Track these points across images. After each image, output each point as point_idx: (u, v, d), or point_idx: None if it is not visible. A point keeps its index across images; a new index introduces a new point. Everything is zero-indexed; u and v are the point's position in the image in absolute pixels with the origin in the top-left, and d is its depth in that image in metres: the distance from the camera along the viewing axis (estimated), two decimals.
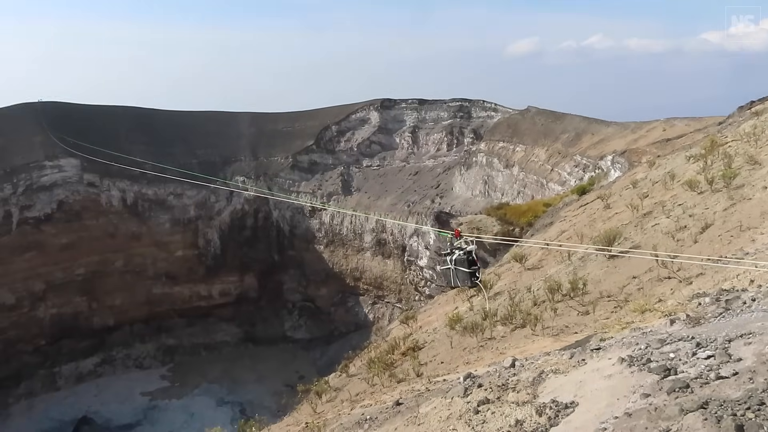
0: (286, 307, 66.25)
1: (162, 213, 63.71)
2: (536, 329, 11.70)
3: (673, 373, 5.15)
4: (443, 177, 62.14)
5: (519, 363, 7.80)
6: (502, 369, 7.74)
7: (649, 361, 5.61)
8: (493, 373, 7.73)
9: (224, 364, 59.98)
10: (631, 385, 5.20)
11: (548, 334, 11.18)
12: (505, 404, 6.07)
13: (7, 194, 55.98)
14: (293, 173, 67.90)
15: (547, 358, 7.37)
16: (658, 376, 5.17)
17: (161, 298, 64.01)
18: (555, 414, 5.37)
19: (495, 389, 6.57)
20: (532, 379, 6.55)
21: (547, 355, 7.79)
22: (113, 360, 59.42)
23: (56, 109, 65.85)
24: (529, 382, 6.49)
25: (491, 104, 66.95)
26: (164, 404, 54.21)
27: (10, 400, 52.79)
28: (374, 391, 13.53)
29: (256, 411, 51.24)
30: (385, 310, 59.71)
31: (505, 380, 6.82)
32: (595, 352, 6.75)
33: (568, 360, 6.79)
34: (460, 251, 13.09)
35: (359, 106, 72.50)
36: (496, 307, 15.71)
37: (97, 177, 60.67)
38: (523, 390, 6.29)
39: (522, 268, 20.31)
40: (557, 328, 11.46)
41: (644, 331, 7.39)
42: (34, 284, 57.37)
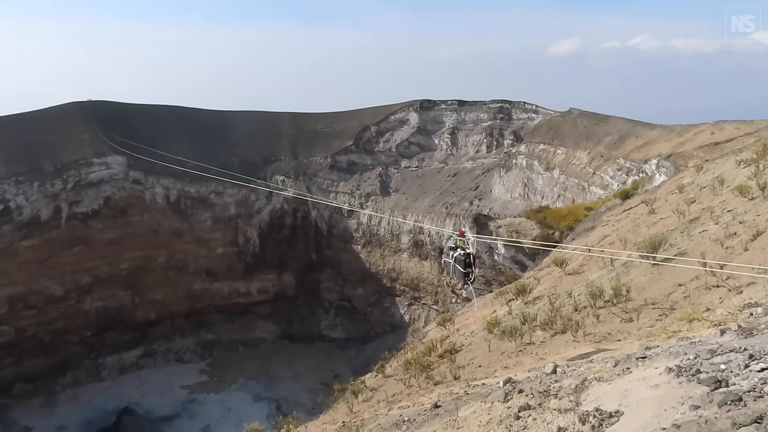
0: (323, 306, 66.74)
1: (204, 211, 64.96)
2: (577, 335, 11.50)
3: (724, 385, 4.99)
4: (482, 179, 61.63)
5: (560, 369, 7.68)
6: (543, 375, 7.64)
7: (699, 372, 5.45)
8: (534, 378, 7.63)
9: (261, 361, 60.80)
10: (680, 396, 5.06)
11: (590, 341, 10.96)
12: (546, 411, 5.98)
13: (57, 190, 57.87)
14: (332, 173, 68.36)
15: (590, 366, 7.24)
16: (708, 387, 5.02)
17: (201, 294, 65.29)
18: (599, 423, 5.26)
19: (536, 395, 6.49)
20: (574, 386, 6.44)
21: (590, 363, 7.65)
22: (154, 353, 60.88)
23: (104, 107, 67.78)
24: (571, 389, 6.39)
25: (532, 106, 66.08)
26: (202, 398, 55.27)
27: (57, 388, 54.65)
28: (411, 393, 13.51)
29: (291, 408, 51.70)
30: (421, 311, 59.58)
31: (546, 386, 6.73)
32: (641, 361, 6.60)
33: (612, 368, 6.65)
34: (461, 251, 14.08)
35: (398, 107, 72.50)
36: (535, 312, 15.49)
37: (142, 174, 62.22)
38: (565, 397, 6.19)
39: (562, 273, 19.98)
40: (599, 334, 11.23)
41: (692, 341, 7.18)
42: (81, 277, 59.20)
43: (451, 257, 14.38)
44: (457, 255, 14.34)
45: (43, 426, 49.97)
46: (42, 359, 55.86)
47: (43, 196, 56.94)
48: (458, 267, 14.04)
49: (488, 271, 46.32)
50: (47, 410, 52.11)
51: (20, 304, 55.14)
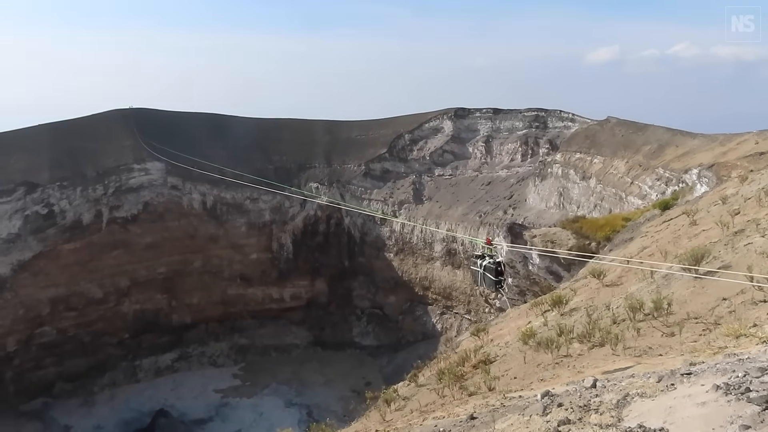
0: (355, 313, 66.87)
1: (239, 216, 65.88)
2: (617, 349, 11.23)
3: None
4: (516, 188, 61.04)
5: (600, 383, 7.51)
6: (582, 389, 7.48)
7: (748, 390, 5.26)
8: (573, 392, 7.47)
9: (293, 366, 61.17)
10: (728, 415, 4.90)
11: (630, 355, 10.70)
12: (587, 426, 5.86)
13: (98, 194, 59.45)
14: (365, 181, 68.62)
15: (632, 380, 7.07)
16: (759, 407, 4.84)
17: (235, 299, 66.14)
18: None
19: (576, 409, 6.36)
20: (616, 401, 6.29)
21: (631, 377, 7.46)
22: (189, 356, 61.82)
23: (144, 115, 69.48)
24: (612, 404, 6.25)
25: (568, 114, 65.25)
26: (235, 402, 55.82)
27: (95, 389, 55.93)
28: (445, 403, 13.40)
29: (322, 414, 51.93)
30: (454, 320, 59.19)
31: (586, 401, 6.59)
32: (686, 377, 6.41)
33: (655, 383, 6.48)
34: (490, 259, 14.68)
35: (433, 115, 72.46)
36: (572, 324, 15.22)
37: (180, 180, 63.46)
38: (606, 412, 6.06)
39: (600, 284, 19.59)
40: (640, 348, 10.95)
41: (740, 358, 6.95)
42: (120, 280, 60.60)
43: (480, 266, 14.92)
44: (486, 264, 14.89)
45: (82, 425, 51.14)
46: (81, 360, 57.30)
47: (86, 200, 58.56)
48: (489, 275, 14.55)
49: (522, 281, 45.79)
50: (86, 410, 53.34)
51: (62, 305, 56.70)
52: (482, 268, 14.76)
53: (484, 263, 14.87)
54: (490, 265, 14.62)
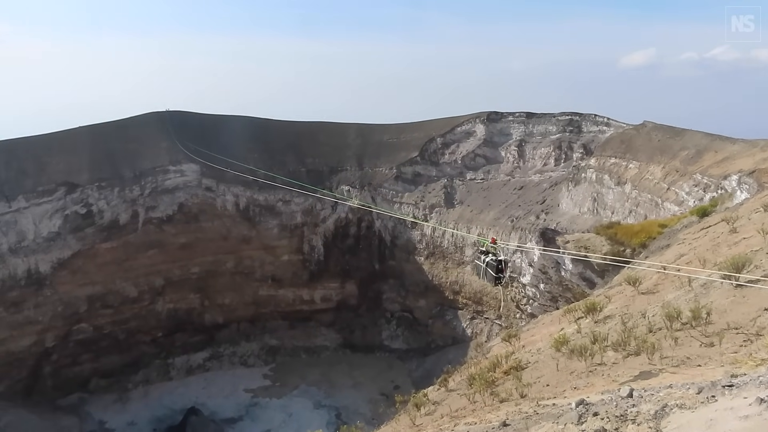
0: (385, 317, 66.87)
1: (271, 218, 66.53)
2: (653, 358, 11.00)
3: None
4: (549, 192, 60.30)
5: (637, 393, 7.36)
6: (618, 398, 7.34)
7: None
8: (609, 401, 7.34)
9: (322, 368, 61.46)
10: None
11: (667, 365, 10.47)
12: None
13: (135, 195, 60.73)
14: (397, 184, 68.61)
15: (670, 391, 6.91)
16: None
17: (267, 300, 66.79)
18: None
19: (612, 419, 6.25)
20: (654, 411, 6.16)
21: (669, 388, 7.29)
22: (221, 356, 62.62)
23: (180, 117, 70.73)
24: (650, 414, 6.12)
25: (603, 118, 64.21)
26: (265, 402, 56.30)
27: (129, 385, 57.09)
28: (476, 409, 13.30)
29: (351, 417, 52.06)
30: (484, 325, 58.71)
31: (623, 411, 6.47)
32: (728, 389, 6.24)
33: (695, 395, 6.32)
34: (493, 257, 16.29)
35: (465, 118, 72.10)
36: (606, 331, 14.97)
37: (214, 182, 64.39)
38: (644, 423, 5.94)
39: (635, 292, 19.23)
40: (677, 358, 10.71)
41: None
42: (154, 280, 61.76)
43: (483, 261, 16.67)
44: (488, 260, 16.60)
45: (116, 421, 52.20)
46: (116, 356, 58.54)
47: (123, 201, 59.85)
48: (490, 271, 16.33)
49: (554, 286, 45.23)
50: (120, 406, 54.46)
51: (98, 303, 58.01)
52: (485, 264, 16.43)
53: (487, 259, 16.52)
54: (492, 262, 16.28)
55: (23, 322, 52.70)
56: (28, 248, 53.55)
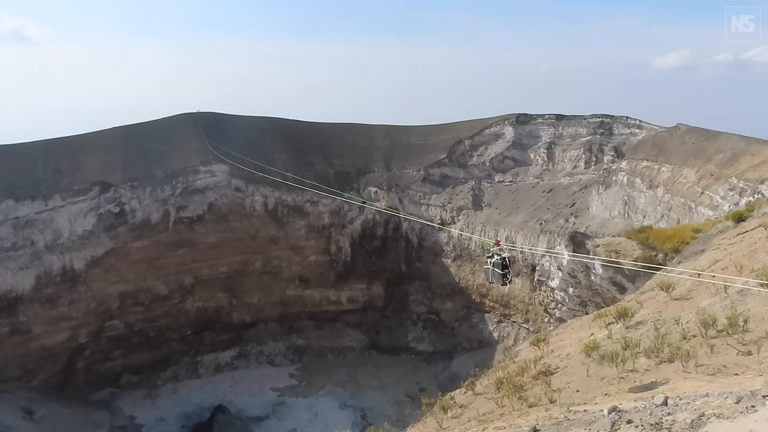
0: (411, 318, 66.78)
1: (299, 219, 66.99)
2: (688, 366, 10.77)
3: None
4: (579, 196, 59.52)
5: (672, 401, 7.22)
6: (652, 406, 7.21)
7: None
8: (643, 409, 7.22)
9: (348, 369, 61.64)
10: None
11: (702, 373, 10.24)
12: None
13: (166, 195, 61.72)
14: (424, 186, 68.49)
15: (707, 400, 6.76)
16: None
17: (294, 300, 67.28)
18: None
19: (647, 427, 6.15)
20: (690, 421, 6.04)
21: (705, 397, 7.14)
22: (248, 354, 63.25)
23: (211, 118, 71.70)
24: (687, 423, 6.00)
25: (635, 121, 63.16)
26: (291, 401, 56.67)
27: (159, 382, 58.04)
28: (504, 413, 13.19)
29: (376, 418, 52.12)
30: (511, 329, 58.23)
31: (658, 419, 6.36)
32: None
33: (734, 404, 6.18)
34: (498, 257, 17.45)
35: (493, 120, 71.66)
36: (638, 338, 14.71)
37: (244, 182, 65.10)
38: None
39: (668, 298, 18.84)
40: (713, 367, 10.46)
41: None
42: (184, 278, 62.69)
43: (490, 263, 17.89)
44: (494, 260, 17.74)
45: (145, 416, 53.08)
46: (147, 353, 59.57)
47: (154, 200, 60.88)
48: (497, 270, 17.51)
49: (584, 291, 44.67)
50: (149, 402, 55.37)
51: (130, 300, 59.12)
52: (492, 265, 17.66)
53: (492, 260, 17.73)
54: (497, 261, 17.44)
55: (58, 318, 53.98)
56: (64, 246, 54.81)
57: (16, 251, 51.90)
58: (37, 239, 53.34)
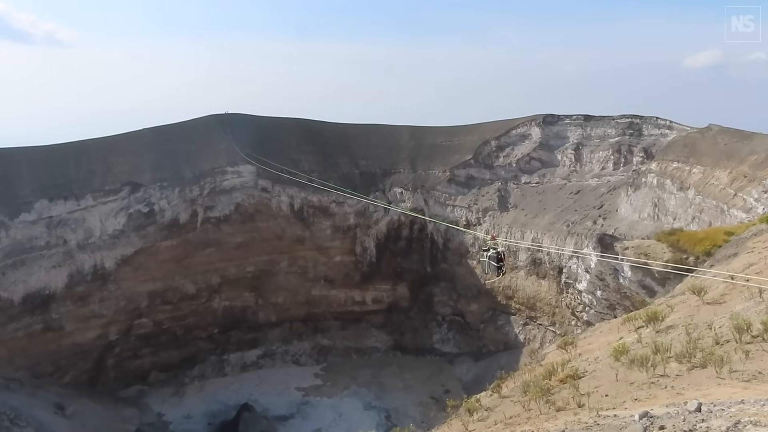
0: (436, 320, 66.56)
1: (324, 219, 67.29)
2: (722, 372, 10.53)
3: None
4: (607, 197, 58.67)
5: (706, 408, 7.06)
6: (685, 412, 7.06)
7: None
8: (675, 415, 7.07)
9: (373, 370, 61.72)
10: None
11: (737, 379, 10.00)
12: None
13: (194, 195, 62.51)
14: (450, 187, 68.20)
15: (743, 407, 6.60)
16: None
17: (319, 300, 67.60)
18: None
19: None
20: (725, 428, 5.89)
21: (741, 404, 6.96)
22: (273, 354, 63.73)
23: (238, 119, 72.36)
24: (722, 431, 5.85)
25: (666, 121, 62.03)
26: (316, 401, 56.93)
27: (186, 380, 58.81)
28: (531, 417, 13.07)
29: (401, 419, 52.07)
30: (537, 332, 57.66)
31: (691, 425, 6.22)
32: None
33: None
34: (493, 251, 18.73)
35: (520, 121, 71.07)
36: (669, 342, 14.45)
37: (270, 183, 65.61)
38: None
39: (700, 302, 18.49)
40: (748, 373, 10.21)
41: None
42: (211, 277, 63.42)
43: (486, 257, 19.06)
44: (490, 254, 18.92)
45: (173, 413, 53.82)
46: (174, 351, 60.39)
47: (183, 200, 61.69)
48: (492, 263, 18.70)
49: (612, 294, 44.01)
50: (177, 399, 56.14)
51: (158, 299, 60.00)
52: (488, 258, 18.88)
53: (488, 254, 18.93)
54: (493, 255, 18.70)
55: (89, 316, 55.03)
56: (95, 245, 55.86)
57: (50, 250, 53.01)
58: (70, 238, 54.43)
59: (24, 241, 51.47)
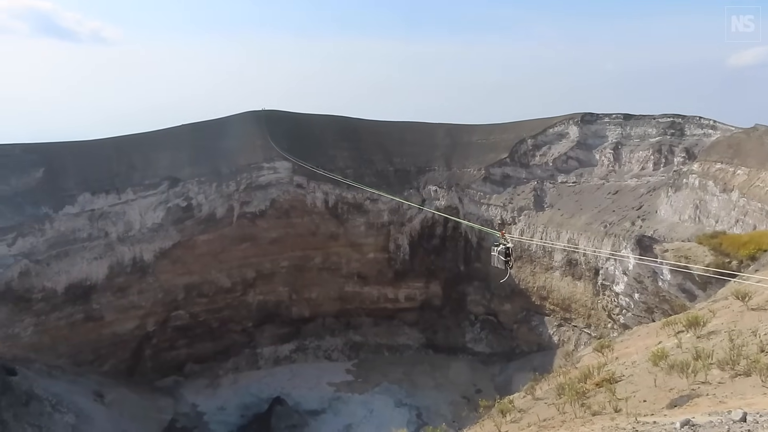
0: (468, 319, 66.18)
1: (358, 216, 67.50)
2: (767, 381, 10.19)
3: None
4: (646, 198, 57.33)
5: (752, 418, 6.84)
6: (730, 421, 6.85)
7: None
8: (719, 424, 6.87)
9: (404, 367, 61.72)
10: None
11: None
12: None
13: (231, 191, 63.45)
14: (485, 185, 67.63)
15: None
16: None
17: (352, 296, 67.91)
18: None
19: None
20: None
21: None
22: (306, 349, 64.32)
23: (275, 116, 73.19)
24: None
25: (709, 121, 60.30)
26: (347, 397, 57.23)
27: (220, 372, 59.82)
28: (566, 420, 12.89)
29: (432, 417, 51.99)
30: (572, 333, 56.81)
31: None
32: None
33: None
34: (503, 246, 19.86)
35: (557, 120, 70.00)
36: (710, 348, 14.05)
37: (305, 179, 66.15)
38: None
39: (744, 307, 17.92)
40: None
41: None
42: (246, 272, 64.31)
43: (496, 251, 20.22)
44: (500, 249, 20.06)
45: (207, 404, 54.79)
46: (209, 344, 61.46)
47: (220, 195, 62.70)
48: (501, 257, 19.90)
49: (650, 297, 43.11)
50: (211, 391, 57.14)
51: (195, 292, 61.11)
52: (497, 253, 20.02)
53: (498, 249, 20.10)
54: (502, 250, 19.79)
55: (128, 307, 56.39)
56: (134, 238, 57.17)
57: (92, 242, 54.44)
58: (111, 231, 55.80)
59: (67, 233, 52.92)
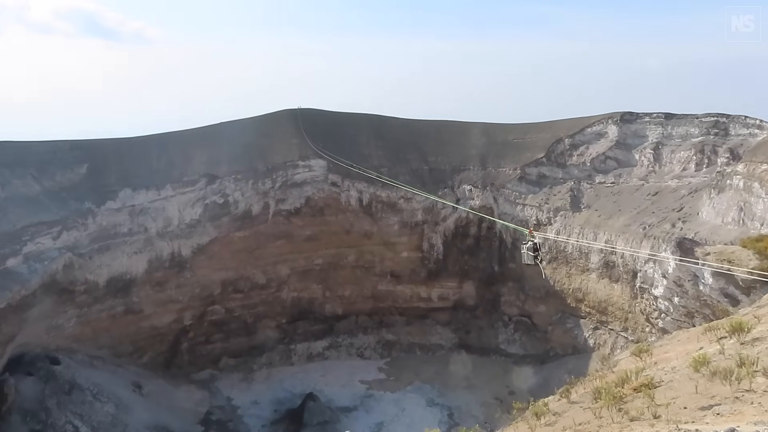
0: (502, 320, 65.63)
1: (392, 215, 67.52)
2: None
3: None
4: (688, 200, 55.81)
5: None
6: None
7: None
8: None
9: (436, 367, 61.57)
10: None
11: None
12: None
13: (267, 188, 64.18)
14: (520, 185, 66.86)
15: None
16: None
17: (385, 295, 68.02)
18: None
19: None
20: None
21: None
22: (339, 346, 64.74)
23: (310, 115, 73.72)
24: None
25: (755, 120, 58.28)
26: (379, 395, 57.40)
27: (255, 367, 60.67)
28: (602, 425, 12.66)
29: (463, 418, 51.79)
30: (608, 337, 55.78)
31: None
32: None
33: None
34: (531, 242, 22.12)
35: (596, 119, 68.70)
36: (755, 355, 13.63)
37: (340, 178, 66.48)
38: None
39: None
40: None
41: None
42: (281, 269, 65.01)
43: (524, 248, 22.28)
44: (528, 245, 22.06)
45: (241, 399, 55.66)
46: (244, 338, 62.42)
47: (255, 193, 63.46)
48: (529, 253, 22.07)
49: (691, 301, 42.05)
50: (245, 385, 58.02)
51: (230, 287, 62.08)
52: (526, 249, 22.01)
53: (527, 245, 22.03)
54: (531, 246, 21.81)
55: (166, 301, 57.59)
56: (173, 233, 58.31)
57: (132, 237, 55.72)
58: (150, 226, 57.01)
59: (109, 228, 54.26)
